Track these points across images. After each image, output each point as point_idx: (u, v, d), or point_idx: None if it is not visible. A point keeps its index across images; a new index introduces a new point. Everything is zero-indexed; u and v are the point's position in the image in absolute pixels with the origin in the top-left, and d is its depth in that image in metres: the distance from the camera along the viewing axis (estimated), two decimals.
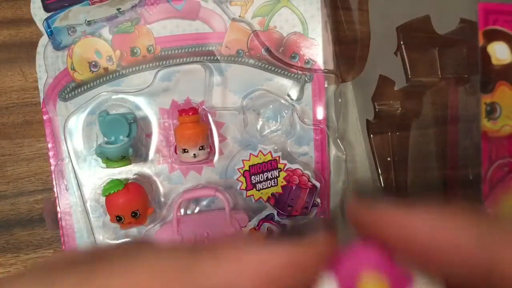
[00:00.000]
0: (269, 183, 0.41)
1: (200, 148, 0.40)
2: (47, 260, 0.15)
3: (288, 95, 0.42)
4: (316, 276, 0.15)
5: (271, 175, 0.41)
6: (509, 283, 0.14)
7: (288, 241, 0.14)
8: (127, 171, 0.43)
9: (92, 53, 0.42)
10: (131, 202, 0.40)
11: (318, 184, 0.41)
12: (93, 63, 0.42)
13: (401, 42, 0.41)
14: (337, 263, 0.15)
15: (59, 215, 0.43)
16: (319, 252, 0.15)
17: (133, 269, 0.14)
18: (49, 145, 0.43)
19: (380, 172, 0.44)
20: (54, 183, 0.43)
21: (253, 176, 0.41)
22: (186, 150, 0.40)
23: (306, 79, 0.43)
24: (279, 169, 0.41)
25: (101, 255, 0.15)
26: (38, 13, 0.42)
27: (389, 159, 0.43)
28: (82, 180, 0.43)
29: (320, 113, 0.43)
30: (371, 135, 0.44)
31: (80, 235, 0.43)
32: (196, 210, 0.44)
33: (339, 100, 0.44)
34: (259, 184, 0.41)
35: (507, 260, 0.14)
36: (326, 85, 0.43)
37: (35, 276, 0.15)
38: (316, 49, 0.43)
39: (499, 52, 0.30)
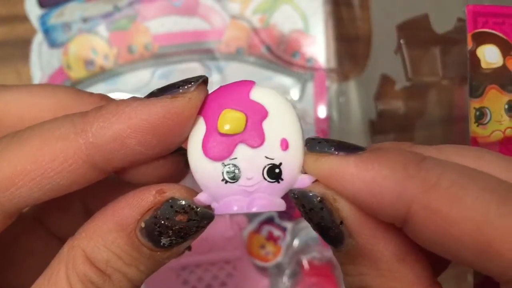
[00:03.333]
0: None
1: None
2: None
3: None
4: (190, 121, 0.18)
5: None
6: (420, 228, 0.15)
7: (165, 96, 0.17)
8: None
9: (88, 51, 0.41)
10: None
11: None
12: (89, 61, 0.41)
13: (401, 41, 0.41)
14: (204, 106, 0.18)
15: None
16: (191, 100, 0.17)
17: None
18: None
19: None
20: None
21: None
22: None
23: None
24: None
25: None
26: (33, 10, 0.41)
27: None
28: None
29: (321, 113, 0.42)
30: (374, 135, 0.43)
31: None
32: None
33: (341, 99, 0.43)
34: None
35: (420, 206, 0.15)
36: (327, 84, 0.42)
37: None
38: (318, 47, 0.42)
39: (489, 55, 0.29)
